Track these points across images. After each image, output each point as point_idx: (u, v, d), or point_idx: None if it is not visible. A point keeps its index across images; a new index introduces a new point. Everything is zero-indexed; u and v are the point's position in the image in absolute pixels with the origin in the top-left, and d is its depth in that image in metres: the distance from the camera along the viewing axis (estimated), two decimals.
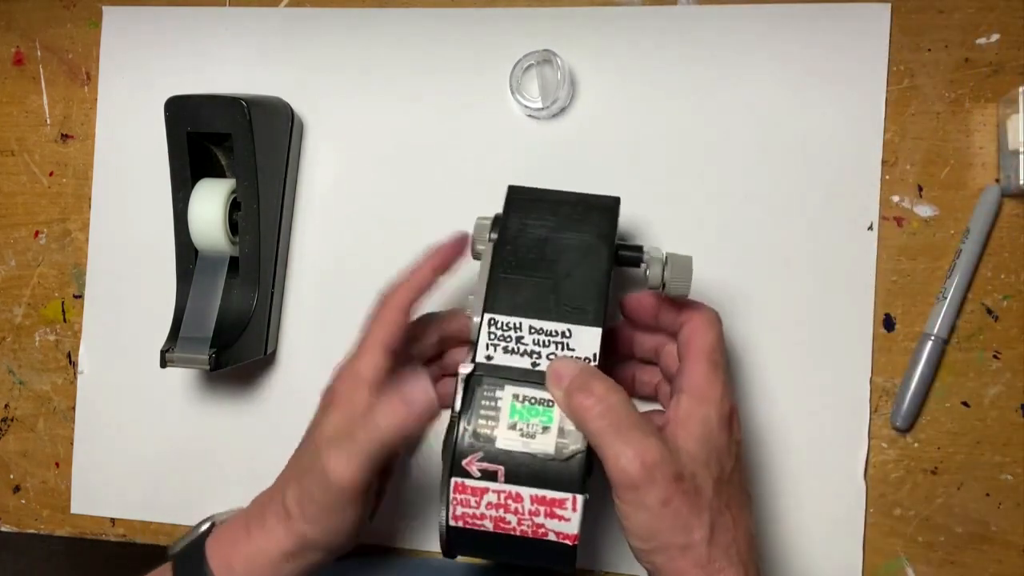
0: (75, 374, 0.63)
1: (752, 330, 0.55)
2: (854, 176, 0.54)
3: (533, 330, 0.44)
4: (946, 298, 0.53)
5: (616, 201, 0.48)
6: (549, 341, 0.43)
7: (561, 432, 0.41)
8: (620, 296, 0.50)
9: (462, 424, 0.41)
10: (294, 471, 0.46)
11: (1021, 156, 0.51)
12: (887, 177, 0.54)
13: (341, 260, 0.59)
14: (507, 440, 0.41)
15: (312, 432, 0.47)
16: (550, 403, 0.42)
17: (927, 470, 0.53)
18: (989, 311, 0.53)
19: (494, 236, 0.47)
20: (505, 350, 0.43)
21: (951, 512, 0.53)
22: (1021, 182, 0.51)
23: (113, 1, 0.63)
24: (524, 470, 0.41)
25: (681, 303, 0.47)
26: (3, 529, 0.64)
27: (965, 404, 0.53)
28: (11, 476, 0.63)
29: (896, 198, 0.54)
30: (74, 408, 0.62)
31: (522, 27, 0.58)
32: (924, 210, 0.54)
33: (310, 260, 0.60)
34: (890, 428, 0.54)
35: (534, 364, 0.43)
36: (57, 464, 0.63)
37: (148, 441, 0.61)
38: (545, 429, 0.41)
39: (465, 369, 0.43)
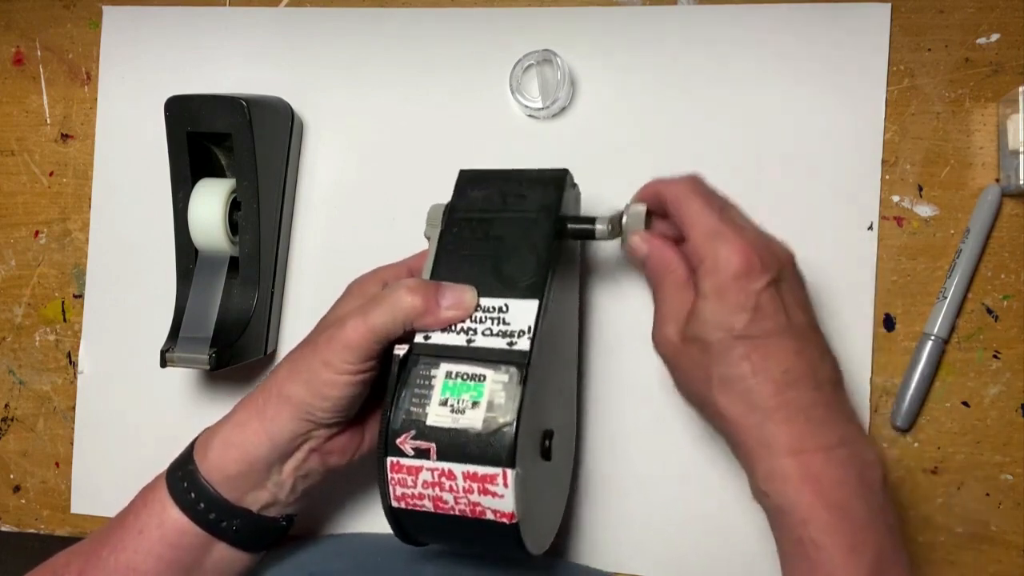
0: (75, 374, 0.63)
1: None
2: (854, 176, 0.54)
3: None
4: (946, 298, 0.53)
5: (563, 173, 0.48)
6: (485, 317, 0.43)
7: (490, 406, 0.40)
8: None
9: (396, 403, 0.42)
10: (290, 370, 0.46)
11: (1021, 156, 0.51)
12: (887, 177, 0.54)
13: (341, 260, 0.59)
14: (437, 417, 0.41)
15: (321, 321, 0.49)
16: (481, 378, 0.41)
17: (927, 470, 0.53)
18: (989, 311, 0.53)
19: None
20: (442, 329, 0.43)
21: (951, 512, 0.53)
22: (1021, 182, 0.51)
23: (113, 1, 0.63)
24: (454, 446, 0.40)
25: (661, 195, 0.47)
26: (3, 529, 0.64)
27: (965, 404, 0.53)
28: (11, 476, 0.63)
29: (896, 198, 0.54)
30: (74, 408, 0.62)
31: (522, 27, 0.58)
32: (924, 210, 0.54)
33: (310, 260, 0.60)
34: (890, 428, 0.54)
35: (469, 341, 0.43)
36: (57, 464, 0.63)
37: (148, 441, 0.61)
38: (475, 404, 0.41)
39: (400, 350, 0.43)
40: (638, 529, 0.55)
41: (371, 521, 0.58)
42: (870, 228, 0.54)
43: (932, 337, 0.53)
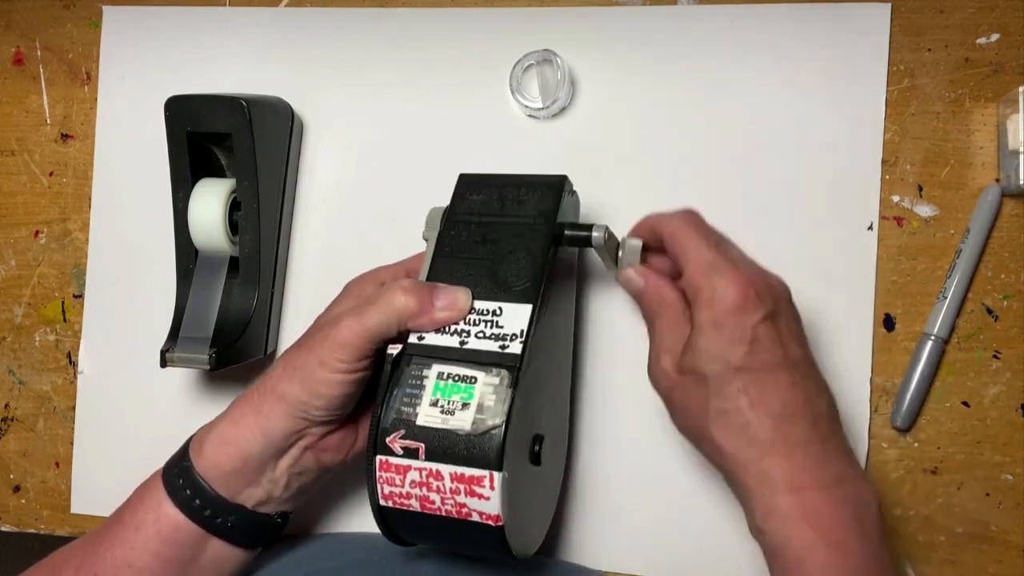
0: (75, 374, 0.63)
1: None
2: (854, 176, 0.54)
3: None
4: (946, 298, 0.53)
5: (561, 179, 0.48)
6: (479, 320, 0.44)
7: (480, 408, 0.41)
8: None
9: (387, 402, 0.42)
10: (285, 368, 0.46)
11: (1021, 156, 0.51)
12: (887, 177, 0.54)
13: (341, 260, 0.59)
14: (427, 417, 0.41)
15: (317, 320, 0.49)
16: (472, 380, 0.42)
17: (927, 470, 0.53)
18: (989, 311, 0.53)
19: None
20: (436, 330, 0.44)
21: (951, 512, 0.53)
22: (1021, 182, 0.51)
23: (113, 1, 0.63)
24: (442, 447, 0.41)
25: (658, 230, 0.47)
26: (3, 529, 0.64)
27: (965, 404, 0.53)
28: (11, 476, 0.63)
29: (896, 198, 0.54)
30: (74, 408, 0.62)
31: (522, 27, 0.58)
32: (924, 210, 0.54)
33: (310, 260, 0.60)
34: (890, 428, 0.54)
35: (462, 343, 0.43)
36: (57, 464, 0.63)
37: (148, 441, 0.61)
38: (465, 405, 0.41)
39: (394, 350, 0.43)
40: (631, 528, 0.55)
41: (365, 520, 0.58)
42: (870, 228, 0.54)
43: (932, 337, 0.53)
